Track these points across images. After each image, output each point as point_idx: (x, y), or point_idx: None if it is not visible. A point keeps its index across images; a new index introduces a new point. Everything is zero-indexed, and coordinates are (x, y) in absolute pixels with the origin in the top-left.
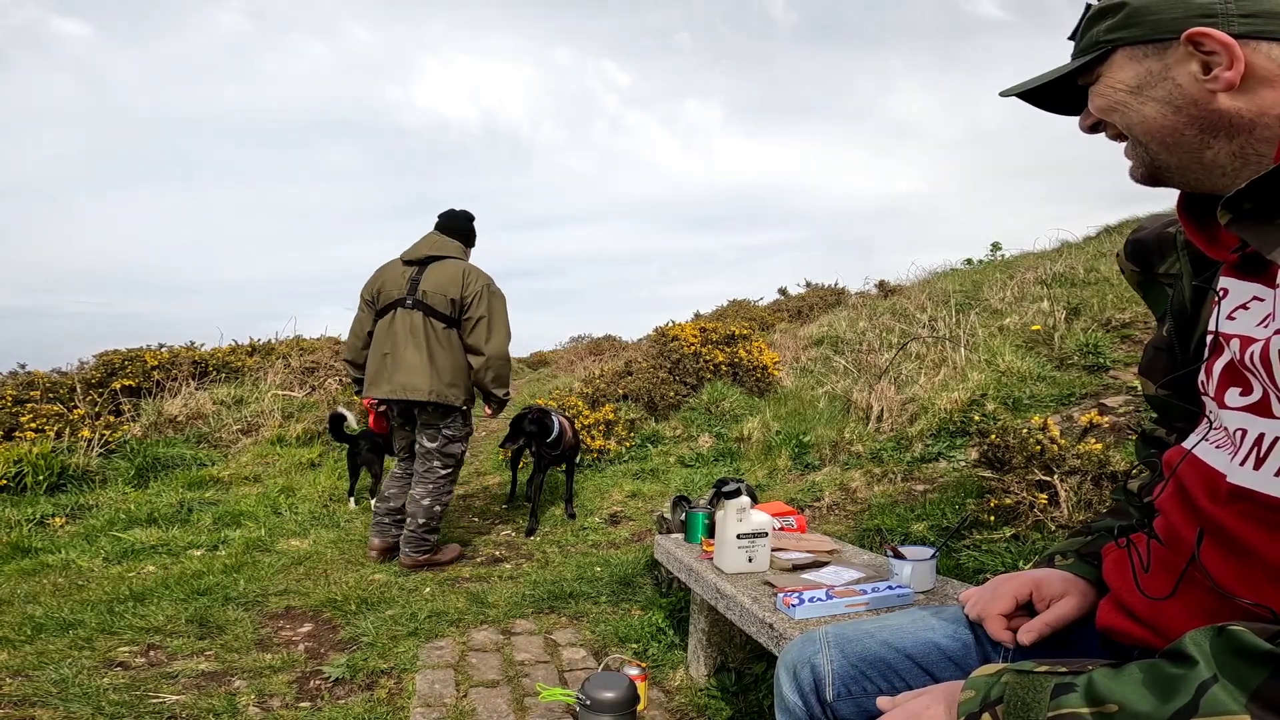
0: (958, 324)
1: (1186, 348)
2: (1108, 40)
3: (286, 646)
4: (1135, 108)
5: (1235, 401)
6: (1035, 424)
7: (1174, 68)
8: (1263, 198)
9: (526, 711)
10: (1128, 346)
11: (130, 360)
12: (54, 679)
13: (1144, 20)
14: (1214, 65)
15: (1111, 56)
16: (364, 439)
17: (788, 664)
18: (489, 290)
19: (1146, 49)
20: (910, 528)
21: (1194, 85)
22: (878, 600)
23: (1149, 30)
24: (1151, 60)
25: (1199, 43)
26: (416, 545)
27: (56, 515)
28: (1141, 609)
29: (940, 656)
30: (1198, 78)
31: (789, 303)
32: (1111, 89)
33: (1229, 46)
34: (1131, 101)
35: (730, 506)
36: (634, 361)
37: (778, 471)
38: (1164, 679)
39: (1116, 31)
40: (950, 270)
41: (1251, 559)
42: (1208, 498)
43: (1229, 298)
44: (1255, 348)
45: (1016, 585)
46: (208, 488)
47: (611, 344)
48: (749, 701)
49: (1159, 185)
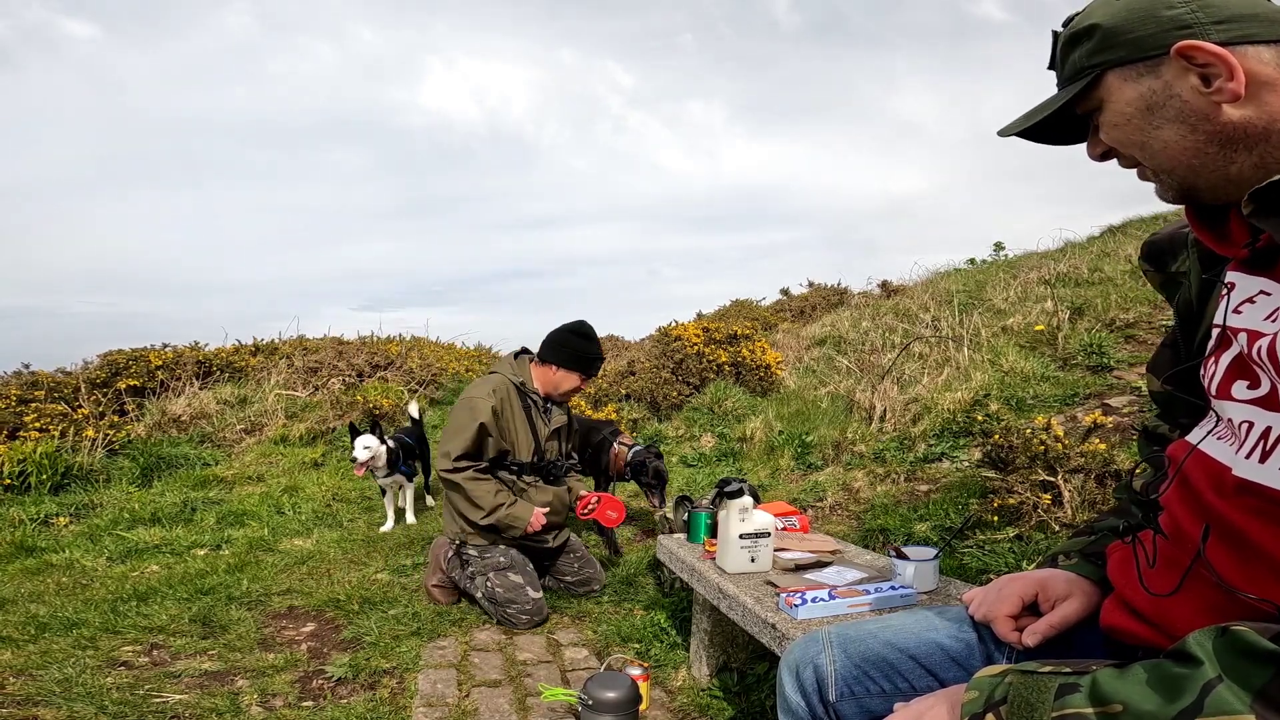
0: (961, 324)
1: (1191, 343)
2: (1093, 65)
3: (289, 646)
4: (1153, 133)
5: (1242, 394)
6: (1039, 424)
7: (1174, 84)
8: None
9: (529, 711)
10: (1131, 346)
11: (134, 360)
12: (57, 678)
13: (1123, 40)
14: (1213, 78)
15: (1103, 81)
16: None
17: (790, 664)
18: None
19: (1138, 68)
20: (913, 528)
21: (1199, 99)
22: (880, 600)
23: (1132, 50)
24: (1149, 79)
25: (1190, 56)
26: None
27: (60, 515)
28: (1146, 607)
29: (943, 657)
30: (1200, 91)
31: (792, 302)
32: (1123, 116)
33: (1223, 57)
34: (1147, 127)
35: (733, 506)
36: (636, 361)
37: (780, 471)
38: (1168, 679)
39: (1099, 55)
40: (953, 270)
41: (1257, 554)
42: (1213, 492)
43: (1236, 291)
44: (1263, 342)
45: (1021, 586)
46: (211, 487)
47: (614, 343)
48: (751, 702)
49: (1191, 202)
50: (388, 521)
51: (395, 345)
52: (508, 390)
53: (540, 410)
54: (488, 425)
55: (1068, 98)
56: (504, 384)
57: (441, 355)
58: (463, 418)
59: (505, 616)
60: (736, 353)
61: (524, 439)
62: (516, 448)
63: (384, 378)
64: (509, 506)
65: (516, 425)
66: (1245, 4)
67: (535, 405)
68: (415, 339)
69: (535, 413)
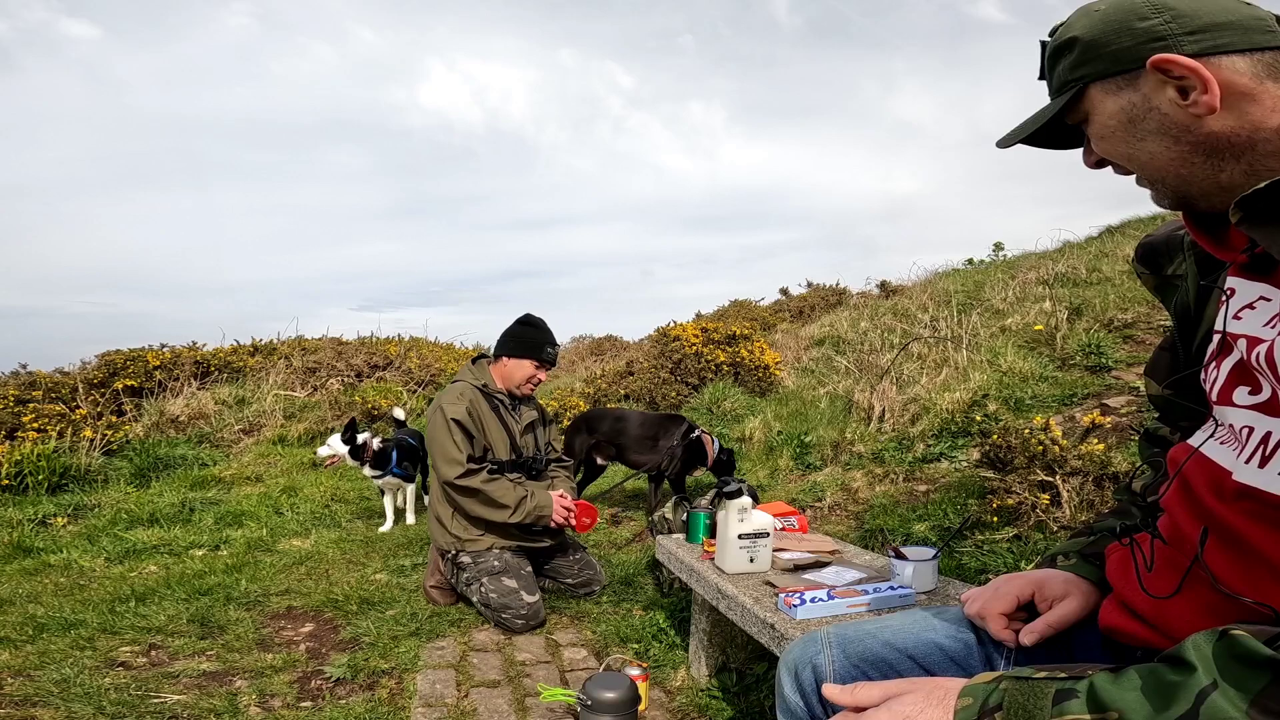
0: (959, 324)
1: (1189, 347)
2: (1075, 79)
3: (288, 646)
4: (1138, 145)
5: (1244, 400)
6: (1037, 424)
7: (1152, 97)
8: (1275, 199)
9: (528, 712)
10: (1130, 347)
11: (132, 360)
12: (55, 679)
13: (1101, 54)
14: (1189, 90)
15: (1087, 94)
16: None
17: (789, 664)
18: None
19: (1118, 81)
20: (912, 528)
21: (1178, 112)
22: (879, 601)
23: (1110, 64)
24: (1129, 92)
25: (1166, 69)
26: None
27: (58, 515)
28: (1145, 608)
29: (942, 657)
30: (1178, 104)
31: (790, 303)
32: (1108, 129)
33: (1195, 70)
34: (1132, 139)
35: (732, 507)
36: (635, 361)
37: (779, 472)
38: (1163, 686)
39: (1080, 69)
40: (952, 270)
41: (1256, 558)
42: (1213, 495)
43: (1236, 297)
44: (1262, 348)
45: (1019, 585)
46: (209, 487)
47: (613, 344)
48: (750, 702)
49: (1187, 209)
50: (386, 522)
51: (394, 345)
52: (474, 394)
53: (509, 409)
54: (464, 423)
55: (1053, 112)
56: (468, 389)
57: (440, 355)
58: (441, 425)
59: (501, 621)
60: (735, 353)
61: (499, 438)
62: (494, 447)
63: (383, 378)
64: (532, 498)
65: (489, 426)
66: (1219, 12)
67: (503, 405)
68: (414, 339)
69: (504, 411)
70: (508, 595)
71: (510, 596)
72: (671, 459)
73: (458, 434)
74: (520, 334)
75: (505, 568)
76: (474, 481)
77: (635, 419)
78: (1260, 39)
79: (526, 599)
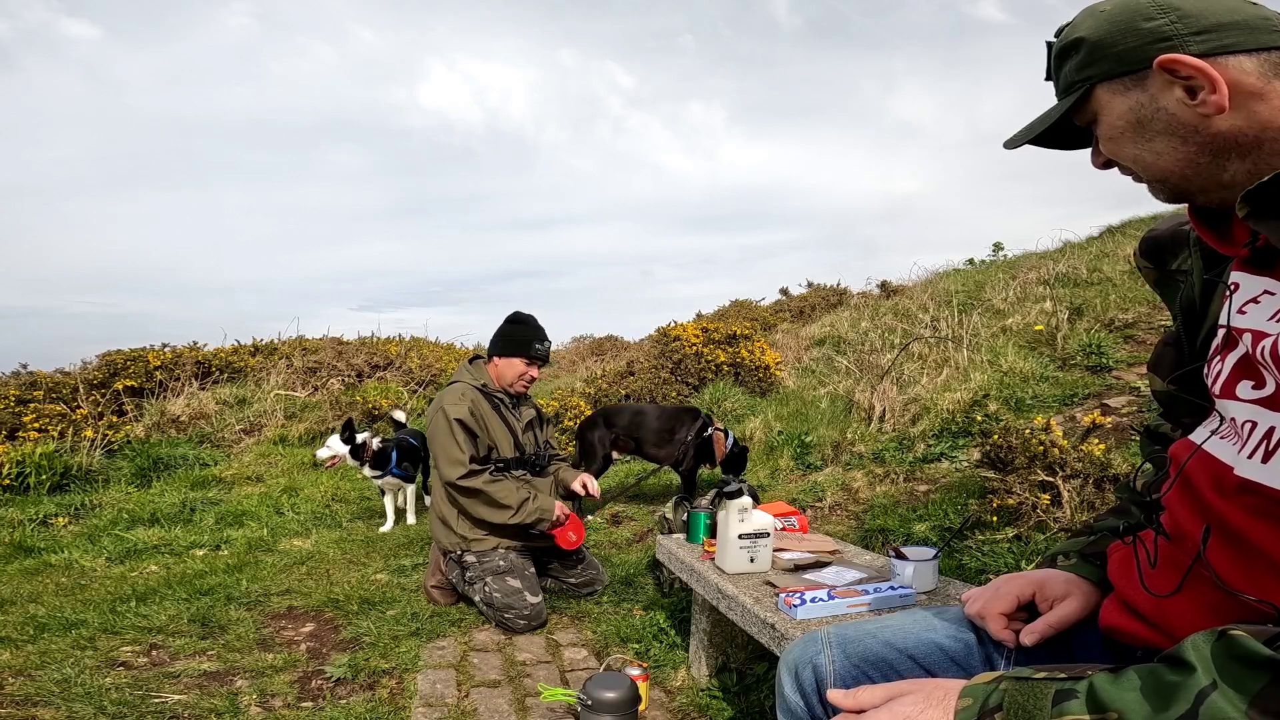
0: (960, 324)
1: (1194, 342)
2: (1082, 79)
3: (288, 646)
4: (1146, 145)
5: (1247, 394)
6: (1038, 424)
7: (1160, 97)
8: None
9: (528, 712)
10: (1131, 346)
11: (133, 360)
12: (56, 678)
13: (1107, 54)
14: (1197, 90)
15: (1093, 94)
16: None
17: (789, 664)
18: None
19: (1125, 82)
20: (912, 528)
21: (1185, 111)
22: (879, 601)
23: (1116, 64)
24: (1136, 92)
25: (1173, 69)
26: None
27: (59, 515)
28: (1146, 607)
29: (942, 657)
30: (1185, 103)
31: (791, 303)
32: (1116, 130)
33: (1203, 70)
34: (1140, 140)
35: (732, 507)
36: (636, 361)
37: (780, 472)
38: (1163, 686)
39: (1087, 69)
40: (953, 270)
41: (1258, 555)
42: (1215, 491)
43: (1240, 292)
44: (1267, 342)
45: (1019, 585)
46: (210, 487)
47: (613, 344)
48: (750, 702)
49: (1186, 203)
50: (387, 522)
51: (394, 345)
52: (475, 394)
53: (508, 407)
54: (467, 423)
55: (1060, 113)
56: (468, 389)
57: (441, 355)
58: (443, 426)
59: (503, 621)
60: (736, 353)
61: (502, 436)
62: (498, 446)
63: (383, 378)
64: (534, 500)
65: (492, 425)
66: (1225, 12)
67: (503, 403)
68: (414, 339)
69: (505, 410)
70: (511, 595)
71: (514, 597)
72: (684, 454)
73: (460, 434)
74: (509, 332)
75: (510, 568)
76: (476, 482)
77: (653, 412)
78: (1267, 38)
79: (530, 600)
